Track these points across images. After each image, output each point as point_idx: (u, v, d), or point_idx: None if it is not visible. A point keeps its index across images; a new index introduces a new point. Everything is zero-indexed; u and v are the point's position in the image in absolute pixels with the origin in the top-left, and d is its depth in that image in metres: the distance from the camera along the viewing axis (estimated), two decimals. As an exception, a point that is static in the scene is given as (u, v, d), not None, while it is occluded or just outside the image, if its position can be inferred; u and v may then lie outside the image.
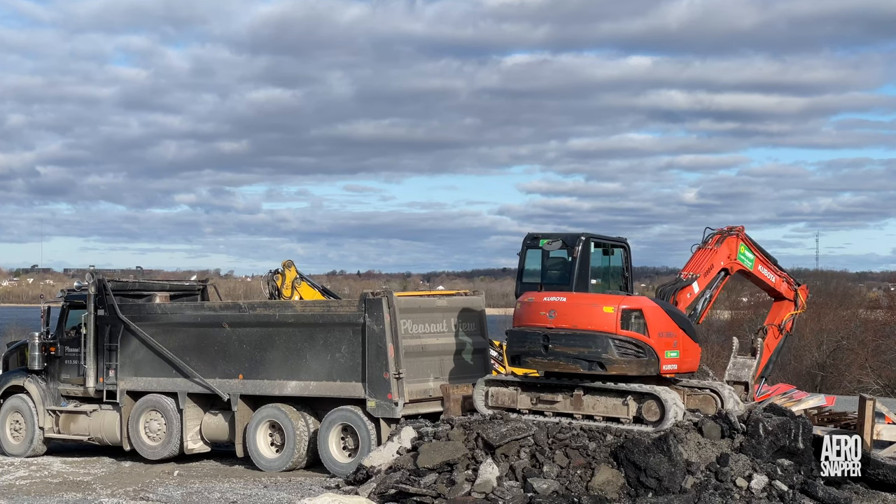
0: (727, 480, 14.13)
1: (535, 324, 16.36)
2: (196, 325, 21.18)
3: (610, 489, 14.25)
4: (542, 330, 16.21)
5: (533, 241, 17.16)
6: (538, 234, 17.24)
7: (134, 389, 21.67)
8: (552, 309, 16.23)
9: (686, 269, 17.63)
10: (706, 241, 17.86)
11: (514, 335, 16.70)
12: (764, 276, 18.63)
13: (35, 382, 22.77)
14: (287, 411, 19.77)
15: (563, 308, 16.17)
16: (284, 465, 19.68)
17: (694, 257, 17.82)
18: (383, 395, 18.65)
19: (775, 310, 19.25)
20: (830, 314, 47.73)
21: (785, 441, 14.78)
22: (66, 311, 22.92)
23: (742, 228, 18.08)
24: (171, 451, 21.20)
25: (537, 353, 16.25)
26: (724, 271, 17.91)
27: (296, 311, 20.20)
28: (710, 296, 17.73)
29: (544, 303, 16.39)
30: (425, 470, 15.14)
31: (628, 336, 15.84)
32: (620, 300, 16.25)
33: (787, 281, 19.09)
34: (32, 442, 22.61)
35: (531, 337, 16.32)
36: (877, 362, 43.19)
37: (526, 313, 16.58)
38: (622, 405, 15.85)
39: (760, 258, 18.47)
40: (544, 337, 16.17)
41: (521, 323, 16.64)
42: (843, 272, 72.24)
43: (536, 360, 16.36)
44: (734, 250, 17.95)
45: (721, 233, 17.91)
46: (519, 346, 16.54)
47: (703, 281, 17.49)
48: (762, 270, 18.57)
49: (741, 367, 18.31)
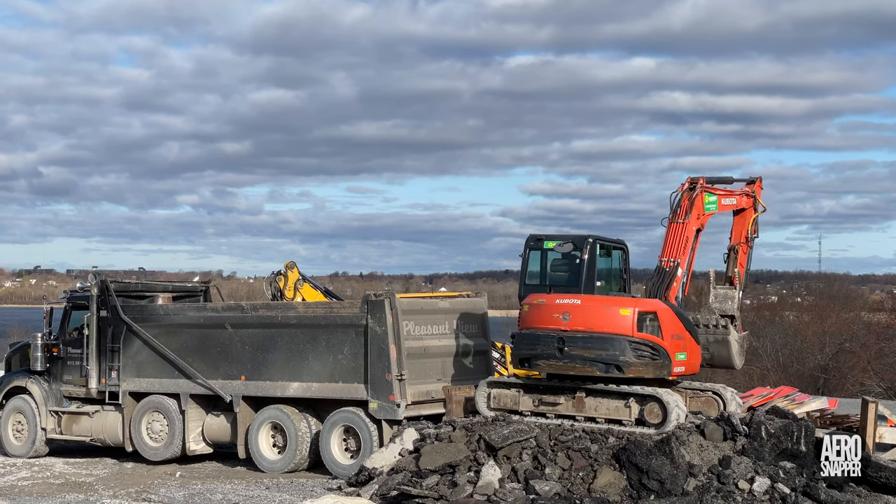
0: (729, 483, 14.12)
1: (547, 326, 16.15)
2: (198, 327, 21.19)
3: (612, 491, 14.25)
4: (556, 332, 16.01)
5: (536, 242, 17.11)
6: (541, 236, 17.23)
7: (136, 390, 21.68)
8: (566, 311, 16.08)
9: (664, 254, 17.16)
10: (675, 212, 17.27)
11: (525, 337, 16.46)
12: (730, 207, 18.09)
13: (37, 383, 22.79)
14: (289, 412, 19.77)
15: (577, 310, 16.06)
16: (286, 467, 19.68)
17: (668, 237, 17.30)
18: (385, 396, 18.65)
19: (738, 225, 18.38)
20: (833, 317, 47.70)
21: (787, 444, 14.77)
22: (69, 312, 22.93)
23: (702, 180, 17.46)
24: (174, 453, 21.21)
25: (551, 356, 16.04)
26: (697, 231, 17.52)
27: (298, 313, 20.20)
28: (689, 265, 17.44)
29: (557, 305, 16.23)
30: (427, 471, 15.13)
31: (644, 339, 15.84)
32: (636, 302, 16.26)
33: (745, 193, 18.27)
34: (35, 443, 22.62)
35: (544, 339, 16.09)
36: (879, 365, 43.13)
37: (536, 315, 16.38)
38: (624, 407, 15.84)
39: (721, 192, 17.84)
40: (559, 339, 15.97)
41: (530, 325, 16.44)
42: (845, 275, 72.35)
43: (550, 362, 16.13)
44: (701, 208, 17.42)
45: (688, 199, 17.27)
46: (530, 348, 16.30)
47: (684, 261, 17.21)
48: (726, 203, 17.97)
49: (724, 299, 17.97)
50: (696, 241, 17.55)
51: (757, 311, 53.64)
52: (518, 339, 16.66)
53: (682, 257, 17.12)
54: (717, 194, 17.72)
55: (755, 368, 42.73)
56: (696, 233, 17.54)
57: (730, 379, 34.70)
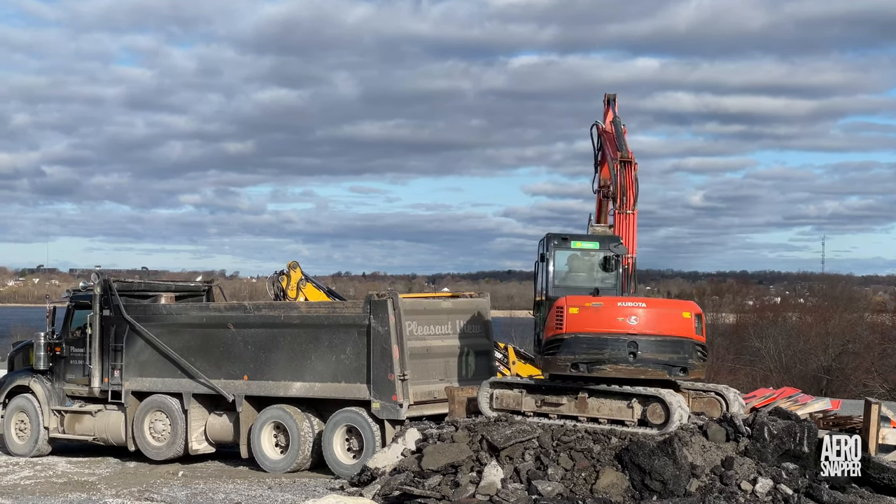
0: (732, 484, 14.11)
1: (612, 330, 15.80)
2: (201, 326, 21.20)
3: (614, 492, 14.23)
4: (626, 336, 15.74)
5: (562, 241, 16.75)
6: (566, 235, 16.97)
7: (139, 390, 21.69)
8: (633, 314, 15.89)
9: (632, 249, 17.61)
10: (622, 201, 17.71)
11: (585, 341, 15.79)
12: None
13: (40, 382, 22.80)
14: (292, 412, 19.78)
15: (645, 313, 15.94)
16: (289, 467, 19.68)
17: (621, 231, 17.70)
18: (388, 396, 18.65)
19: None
20: (836, 318, 47.77)
21: (790, 445, 14.75)
22: (72, 311, 22.95)
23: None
24: (176, 452, 21.22)
25: (621, 360, 15.70)
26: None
27: (301, 313, 20.21)
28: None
29: (622, 308, 15.99)
30: (429, 472, 15.12)
31: (700, 340, 16.11)
32: (691, 305, 16.44)
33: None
34: (37, 442, 22.64)
35: (613, 343, 15.72)
36: (882, 366, 43.16)
37: (594, 318, 15.91)
38: (627, 408, 15.82)
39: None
40: (631, 343, 15.73)
41: (585, 329, 15.85)
42: (849, 276, 72.49)
43: (619, 366, 15.75)
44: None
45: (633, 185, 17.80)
46: (596, 352, 15.77)
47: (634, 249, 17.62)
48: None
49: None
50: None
51: (760, 311, 53.73)
52: (573, 342, 15.87)
53: (632, 251, 17.40)
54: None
55: (758, 369, 42.76)
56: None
57: (733, 380, 34.80)
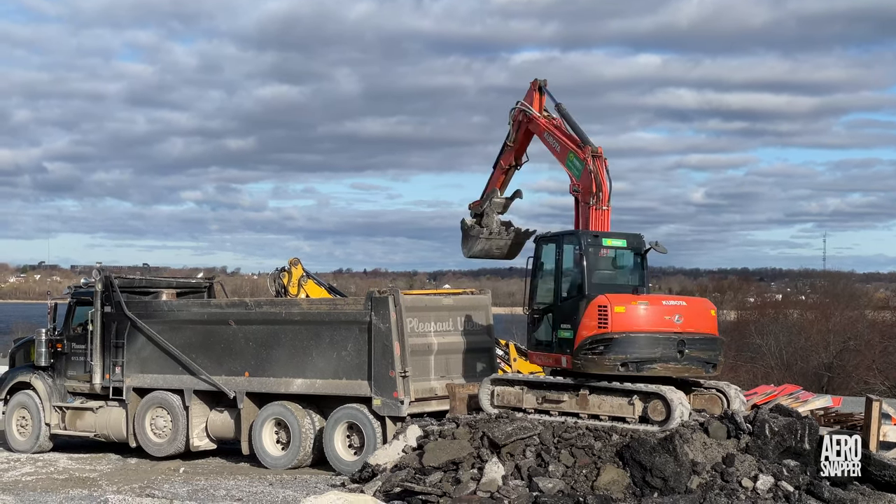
0: (733, 481, 14.11)
1: (661, 329, 15.95)
2: (202, 323, 21.20)
3: (615, 489, 14.24)
4: (675, 335, 15.96)
5: (594, 239, 16.66)
6: (598, 233, 16.85)
7: (140, 386, 21.69)
8: (678, 313, 16.14)
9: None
10: (598, 196, 17.70)
11: (637, 340, 15.84)
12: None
13: (42, 379, 22.81)
14: (293, 409, 19.77)
15: (686, 312, 16.26)
16: (290, 463, 19.68)
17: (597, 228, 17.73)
18: (389, 393, 18.65)
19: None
20: (837, 315, 47.70)
21: (791, 442, 14.75)
22: (73, 307, 22.96)
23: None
24: (177, 448, 21.22)
25: (671, 359, 15.91)
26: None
27: (302, 309, 20.21)
28: None
29: (667, 307, 16.25)
30: (430, 468, 15.13)
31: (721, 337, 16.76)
32: (711, 303, 16.95)
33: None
34: (39, 438, 22.65)
35: (665, 342, 15.90)
36: (884, 363, 43.12)
37: (642, 317, 15.98)
38: (628, 405, 15.82)
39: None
40: (680, 342, 15.96)
41: (633, 328, 15.87)
42: (850, 273, 72.41)
43: (669, 365, 15.93)
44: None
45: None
46: (649, 351, 15.86)
47: None
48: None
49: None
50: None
51: (761, 308, 53.68)
52: (624, 341, 15.80)
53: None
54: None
55: (759, 366, 42.73)
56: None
57: (734, 377, 34.77)
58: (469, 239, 20.72)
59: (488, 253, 20.84)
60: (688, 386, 16.57)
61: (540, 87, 19.45)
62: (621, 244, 16.93)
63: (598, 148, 17.82)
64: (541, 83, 19.43)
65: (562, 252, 16.76)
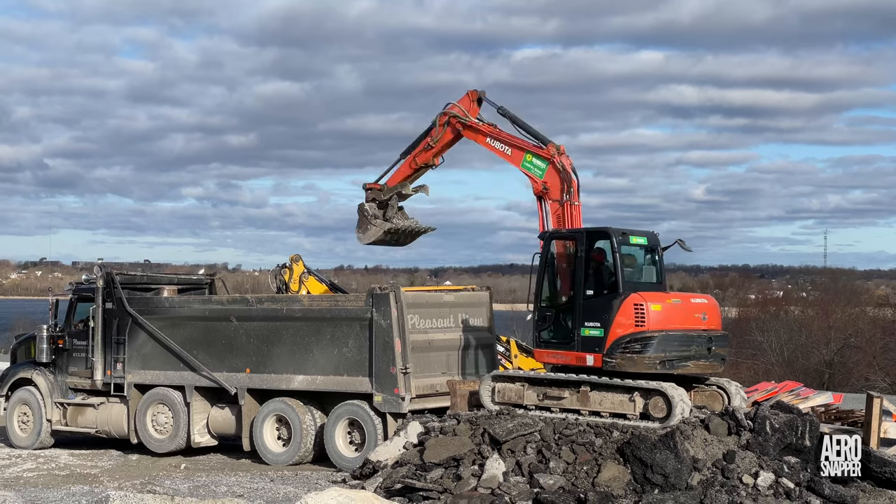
0: (733, 477, 14.11)
1: (690, 326, 16.16)
2: (203, 319, 21.22)
3: (616, 485, 14.24)
4: (704, 332, 16.27)
5: (623, 237, 16.50)
6: (626, 230, 16.81)
7: (141, 382, 21.71)
8: (703, 310, 16.46)
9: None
10: (570, 191, 18.10)
11: (674, 338, 15.93)
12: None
13: (43, 375, 22.83)
14: (294, 405, 19.79)
15: (710, 310, 16.63)
16: (291, 459, 19.70)
17: (569, 223, 17.99)
18: (390, 389, 18.67)
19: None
20: (838, 312, 47.71)
21: (792, 438, 14.75)
22: (75, 303, 22.97)
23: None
24: (178, 445, 21.25)
25: (702, 356, 16.17)
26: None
27: (303, 306, 20.23)
28: None
29: (695, 304, 16.54)
30: (431, 465, 15.13)
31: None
32: (716, 301, 17.34)
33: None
34: (40, 434, 22.67)
35: (697, 340, 16.15)
36: (884, 360, 43.16)
37: (675, 315, 16.08)
38: (629, 401, 15.79)
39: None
40: (709, 339, 16.26)
41: (666, 326, 15.92)
42: (851, 270, 72.53)
43: (700, 362, 16.18)
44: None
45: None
46: (683, 349, 16.02)
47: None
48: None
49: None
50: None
51: (762, 305, 53.68)
52: (664, 339, 15.84)
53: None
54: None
55: (760, 363, 42.74)
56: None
57: (734, 374, 34.78)
58: (369, 227, 21.16)
59: (385, 242, 21.45)
60: (689, 382, 16.56)
61: (479, 98, 19.77)
62: (644, 242, 16.91)
63: (560, 146, 18.01)
64: (480, 94, 19.73)
65: (584, 249, 16.52)
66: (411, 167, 20.81)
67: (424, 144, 20.50)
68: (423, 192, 21.20)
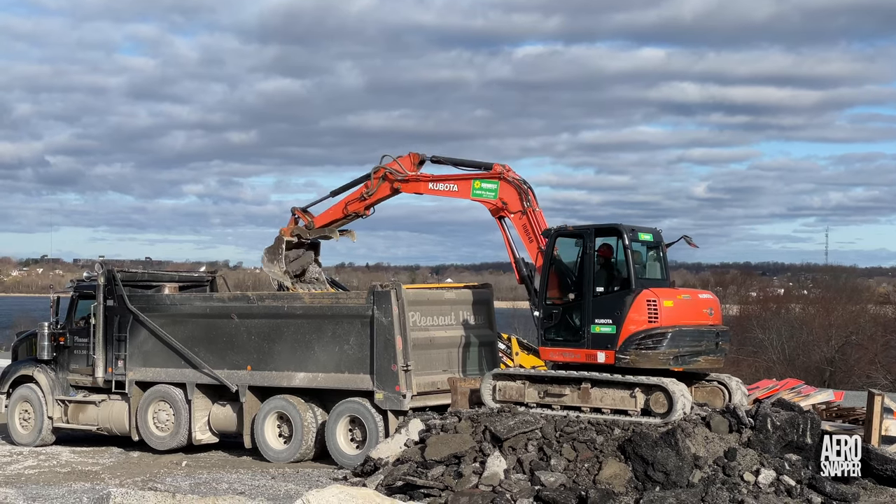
0: (735, 475, 14.12)
1: (699, 322, 16.40)
2: (205, 316, 21.22)
3: (617, 483, 14.25)
4: (712, 328, 16.53)
5: (632, 233, 16.47)
6: (634, 227, 16.81)
7: (143, 380, 21.72)
8: (710, 306, 16.72)
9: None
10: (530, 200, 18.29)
11: (687, 334, 16.07)
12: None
13: (44, 372, 22.84)
14: (295, 403, 19.80)
15: (715, 306, 16.96)
16: (292, 457, 19.71)
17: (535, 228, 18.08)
18: (391, 387, 18.67)
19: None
20: (839, 309, 47.66)
21: (793, 436, 14.76)
22: (76, 301, 22.98)
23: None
24: (180, 442, 21.26)
25: (711, 352, 16.42)
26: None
27: (304, 303, 20.23)
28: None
29: (703, 300, 16.80)
30: (433, 462, 15.14)
31: None
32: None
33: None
34: (41, 431, 22.68)
35: (707, 335, 16.42)
36: (886, 358, 43.12)
37: (685, 311, 16.23)
38: (630, 398, 15.82)
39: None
40: (717, 334, 16.55)
41: (678, 322, 16.02)
42: (852, 267, 72.53)
43: (710, 357, 16.42)
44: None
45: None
46: (695, 344, 16.19)
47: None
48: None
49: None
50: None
51: (763, 303, 53.64)
52: (677, 335, 15.93)
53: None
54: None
55: (761, 361, 42.73)
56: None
57: (736, 371, 34.73)
58: (274, 264, 21.18)
59: (285, 275, 21.29)
60: (689, 378, 16.57)
61: (421, 160, 19.97)
62: (650, 238, 16.91)
63: (505, 164, 18.72)
64: (422, 157, 19.96)
65: (593, 246, 16.51)
66: (343, 212, 20.74)
67: (359, 194, 20.41)
68: (349, 238, 21.20)
